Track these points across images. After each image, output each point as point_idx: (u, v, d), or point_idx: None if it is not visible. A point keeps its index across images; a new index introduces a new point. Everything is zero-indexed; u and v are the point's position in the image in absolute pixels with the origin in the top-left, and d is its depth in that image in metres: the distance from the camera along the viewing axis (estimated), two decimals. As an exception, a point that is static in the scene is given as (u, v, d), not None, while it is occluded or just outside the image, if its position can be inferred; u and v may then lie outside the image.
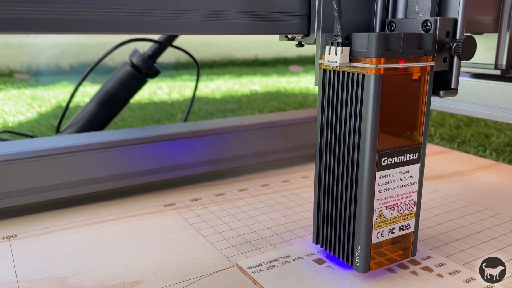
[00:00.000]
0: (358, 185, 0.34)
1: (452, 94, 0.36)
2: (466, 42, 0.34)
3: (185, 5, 0.32)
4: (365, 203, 0.34)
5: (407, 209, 0.36)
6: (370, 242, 0.35)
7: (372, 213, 0.34)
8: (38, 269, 0.37)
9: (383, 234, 0.35)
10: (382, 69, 0.31)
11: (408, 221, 0.37)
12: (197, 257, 0.39)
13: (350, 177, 0.35)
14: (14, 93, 1.31)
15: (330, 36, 0.34)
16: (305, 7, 0.37)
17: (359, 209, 0.34)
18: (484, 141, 0.80)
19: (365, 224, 0.34)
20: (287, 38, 0.39)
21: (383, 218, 0.35)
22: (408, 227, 0.37)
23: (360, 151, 0.33)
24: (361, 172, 0.34)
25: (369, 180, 0.33)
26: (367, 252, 0.35)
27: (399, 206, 0.36)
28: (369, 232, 0.34)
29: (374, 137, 0.33)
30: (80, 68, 1.81)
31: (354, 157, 0.34)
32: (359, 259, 0.35)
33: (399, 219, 0.36)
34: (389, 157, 0.34)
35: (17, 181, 0.48)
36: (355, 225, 0.35)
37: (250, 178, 0.60)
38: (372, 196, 0.34)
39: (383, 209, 0.35)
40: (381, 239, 0.35)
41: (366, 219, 0.34)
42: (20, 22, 0.27)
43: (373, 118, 0.32)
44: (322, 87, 0.36)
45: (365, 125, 0.33)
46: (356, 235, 0.35)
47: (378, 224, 0.35)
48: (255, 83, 1.58)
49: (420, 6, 0.36)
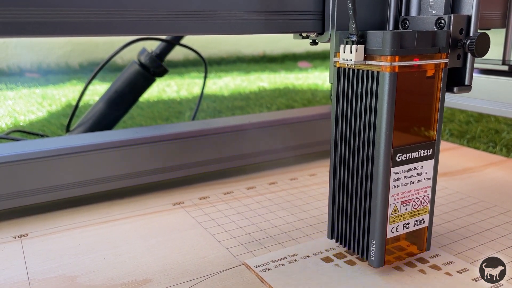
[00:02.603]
0: (373, 181, 0.34)
1: (466, 90, 0.37)
2: (480, 38, 0.34)
3: (196, 6, 0.32)
4: (380, 198, 0.34)
5: (421, 204, 0.37)
6: (385, 237, 0.35)
7: (387, 208, 0.34)
8: (49, 268, 0.38)
9: (398, 229, 0.36)
10: (396, 66, 0.32)
11: (423, 216, 0.37)
12: (205, 256, 0.40)
13: (365, 173, 0.35)
14: (25, 92, 1.32)
15: (344, 35, 0.34)
16: (320, 6, 0.37)
17: (374, 204, 0.35)
18: (494, 137, 0.80)
19: (380, 219, 0.34)
20: (301, 36, 0.40)
21: (397, 213, 0.35)
22: (423, 222, 0.37)
23: (375, 148, 0.34)
24: (376, 168, 0.34)
25: (384, 176, 0.34)
26: (382, 247, 0.35)
27: (414, 201, 0.36)
28: (384, 227, 0.35)
29: (389, 134, 0.33)
30: (90, 66, 1.83)
31: (369, 154, 0.34)
32: (374, 254, 0.35)
33: (413, 214, 0.36)
34: (403, 153, 0.34)
35: (28, 181, 0.48)
36: (370, 220, 0.35)
37: (258, 176, 0.60)
38: (387, 192, 0.34)
39: (397, 205, 0.35)
40: (396, 233, 0.36)
41: (381, 214, 0.34)
42: (28, 26, 0.27)
43: (388, 115, 0.33)
44: (337, 85, 0.36)
45: (380, 122, 0.33)
46: (371, 230, 0.35)
47: (393, 219, 0.35)
48: (263, 80, 1.58)
49: (433, 3, 0.36)
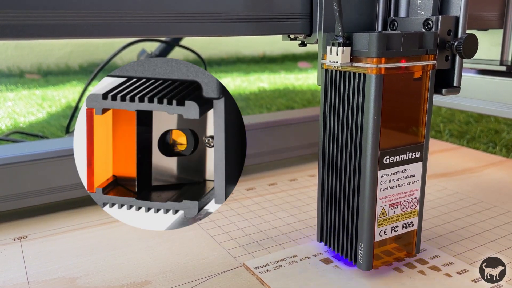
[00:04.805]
0: (361, 184, 0.34)
1: (455, 92, 0.36)
2: (468, 40, 0.34)
3: (188, 8, 0.32)
4: (368, 201, 0.34)
5: (410, 207, 0.36)
6: (373, 240, 0.35)
7: (374, 211, 0.34)
8: (49, 270, 0.38)
9: (386, 232, 0.36)
10: (383, 68, 0.31)
11: (411, 219, 0.37)
12: (205, 257, 0.40)
13: (353, 176, 0.35)
14: (25, 94, 1.32)
15: (331, 36, 0.34)
16: (307, 7, 0.37)
17: (362, 207, 0.34)
18: (494, 137, 0.80)
19: (368, 222, 0.34)
20: (289, 38, 0.40)
21: (385, 216, 0.35)
22: (411, 225, 0.37)
23: (362, 150, 0.34)
24: (363, 171, 0.34)
25: (371, 179, 0.33)
26: (370, 250, 0.35)
27: (402, 204, 0.36)
28: (372, 230, 0.35)
29: (376, 136, 0.33)
30: (90, 67, 1.83)
31: (357, 156, 0.34)
32: (362, 257, 0.35)
33: (402, 217, 0.36)
34: (391, 156, 0.34)
35: (28, 183, 0.48)
36: (358, 223, 0.35)
37: (257, 177, 0.60)
38: (374, 195, 0.34)
39: (385, 208, 0.35)
40: (384, 237, 0.36)
41: (369, 217, 0.34)
42: (27, 28, 0.28)
43: (374, 118, 0.32)
44: (324, 87, 0.36)
45: (367, 124, 0.33)
46: (359, 233, 0.35)
47: (381, 222, 0.35)
48: (263, 81, 1.58)
49: (422, 4, 0.36)
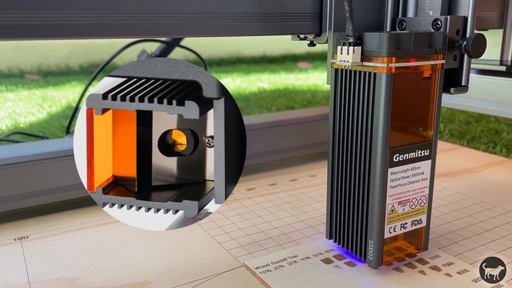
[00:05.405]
0: (371, 182, 0.35)
1: (463, 91, 0.37)
2: (476, 39, 0.34)
3: (197, 8, 0.32)
4: (378, 199, 0.34)
5: (418, 205, 0.37)
6: (382, 237, 0.35)
7: (384, 208, 0.35)
8: (49, 270, 0.38)
9: (395, 229, 0.36)
10: (393, 68, 0.32)
11: (420, 216, 0.37)
12: (206, 258, 0.40)
13: (363, 174, 0.35)
14: (25, 94, 1.32)
15: (342, 36, 0.34)
16: (317, 7, 0.37)
17: (372, 204, 0.35)
18: (494, 137, 0.80)
19: (378, 219, 0.35)
20: (299, 38, 0.40)
21: (395, 214, 0.35)
22: (420, 222, 0.37)
23: (372, 148, 0.34)
24: (373, 168, 0.34)
25: (381, 177, 0.34)
26: (379, 247, 0.35)
27: (411, 202, 0.36)
28: (382, 227, 0.35)
29: (386, 135, 0.33)
30: (90, 68, 1.83)
31: (367, 154, 0.35)
32: (372, 254, 0.35)
33: (411, 214, 0.37)
34: (401, 154, 0.34)
35: (28, 183, 0.48)
36: (368, 220, 0.35)
37: (258, 177, 0.60)
38: (384, 192, 0.34)
39: (395, 205, 0.35)
40: (393, 233, 0.36)
41: (379, 214, 0.35)
42: (28, 29, 0.28)
43: (385, 116, 0.33)
44: (335, 86, 0.36)
45: (377, 123, 0.33)
46: (369, 230, 0.35)
47: (390, 219, 0.35)
48: (263, 81, 1.58)
49: (430, 4, 0.36)
